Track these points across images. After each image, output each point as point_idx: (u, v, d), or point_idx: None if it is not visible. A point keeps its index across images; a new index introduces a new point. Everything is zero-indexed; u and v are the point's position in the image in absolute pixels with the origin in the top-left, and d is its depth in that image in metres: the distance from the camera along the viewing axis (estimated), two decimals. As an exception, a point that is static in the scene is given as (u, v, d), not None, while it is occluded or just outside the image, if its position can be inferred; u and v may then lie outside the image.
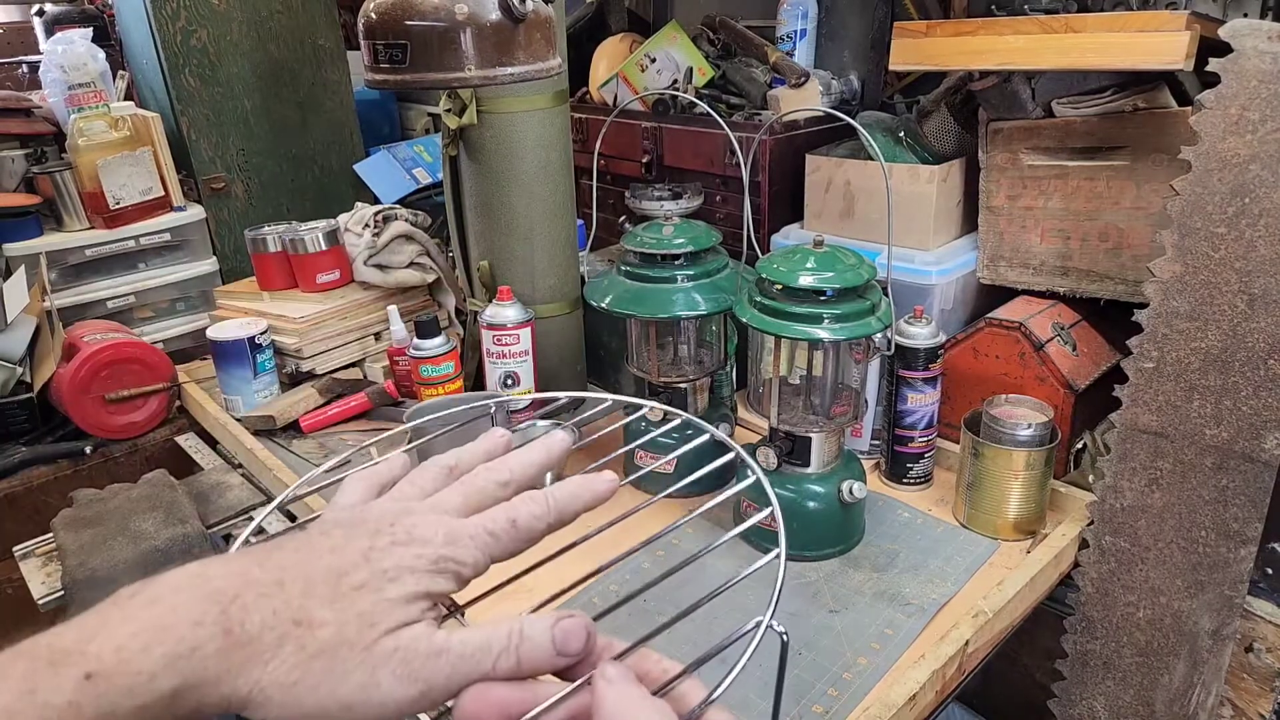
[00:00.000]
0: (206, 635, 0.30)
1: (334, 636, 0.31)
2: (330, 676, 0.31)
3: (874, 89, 1.38)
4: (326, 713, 0.31)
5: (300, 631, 0.31)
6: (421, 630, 0.32)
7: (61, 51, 1.47)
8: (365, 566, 0.33)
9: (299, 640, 0.31)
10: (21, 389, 1.25)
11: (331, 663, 0.31)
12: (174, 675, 0.29)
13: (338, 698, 0.31)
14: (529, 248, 1.15)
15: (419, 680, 0.31)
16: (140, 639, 0.29)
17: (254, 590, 0.31)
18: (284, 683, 0.30)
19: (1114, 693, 0.91)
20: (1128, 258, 1.00)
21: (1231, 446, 0.80)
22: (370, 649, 0.31)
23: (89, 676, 0.28)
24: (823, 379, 0.95)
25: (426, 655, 0.32)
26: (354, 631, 0.31)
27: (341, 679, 0.31)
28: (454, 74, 0.75)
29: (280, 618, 0.31)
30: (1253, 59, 0.76)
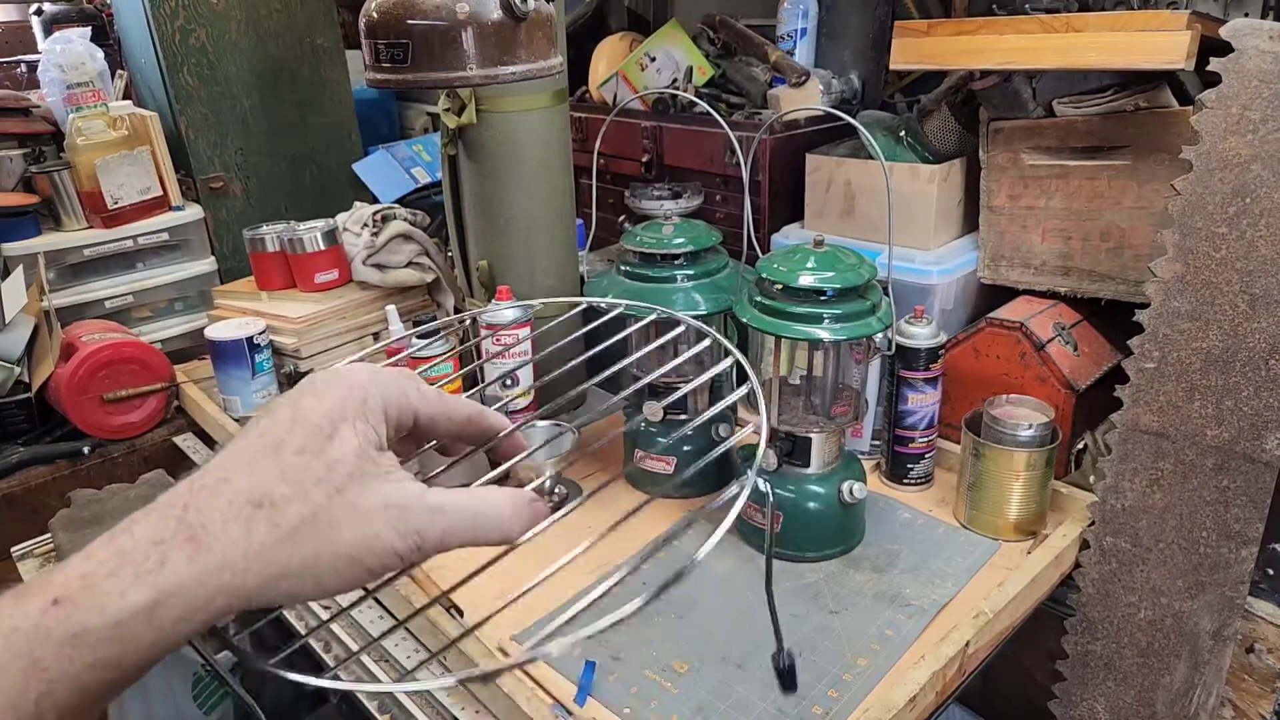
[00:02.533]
0: (170, 547, 0.29)
1: (303, 509, 0.31)
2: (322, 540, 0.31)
3: (874, 88, 1.38)
4: (337, 570, 0.32)
5: (265, 512, 0.31)
6: (414, 487, 0.34)
7: (60, 51, 1.47)
8: (296, 430, 0.33)
9: (268, 520, 0.31)
10: (19, 389, 1.25)
11: (316, 529, 0.31)
12: (147, 589, 0.29)
13: (341, 555, 0.31)
14: (528, 247, 1.15)
15: (414, 533, 0.33)
16: (106, 565, 0.29)
17: (202, 494, 0.31)
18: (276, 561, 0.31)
19: (1115, 694, 0.91)
20: (1129, 257, 1.00)
21: (1233, 447, 0.80)
22: (354, 503, 0.32)
23: (55, 602, 0.28)
24: (823, 379, 0.95)
25: (424, 510, 0.33)
26: (321, 497, 0.32)
27: (334, 539, 0.31)
28: (456, 73, 0.74)
29: (236, 506, 0.31)
30: (1254, 58, 0.75)
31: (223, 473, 0.32)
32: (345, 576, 0.32)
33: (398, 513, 0.32)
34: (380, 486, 0.33)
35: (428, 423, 0.38)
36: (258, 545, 0.30)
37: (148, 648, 0.29)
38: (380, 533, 0.32)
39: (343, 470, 0.32)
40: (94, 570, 0.29)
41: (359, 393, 0.35)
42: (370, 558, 0.32)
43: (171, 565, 0.29)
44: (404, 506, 0.33)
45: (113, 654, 0.28)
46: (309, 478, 0.32)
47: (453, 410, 0.39)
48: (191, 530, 0.30)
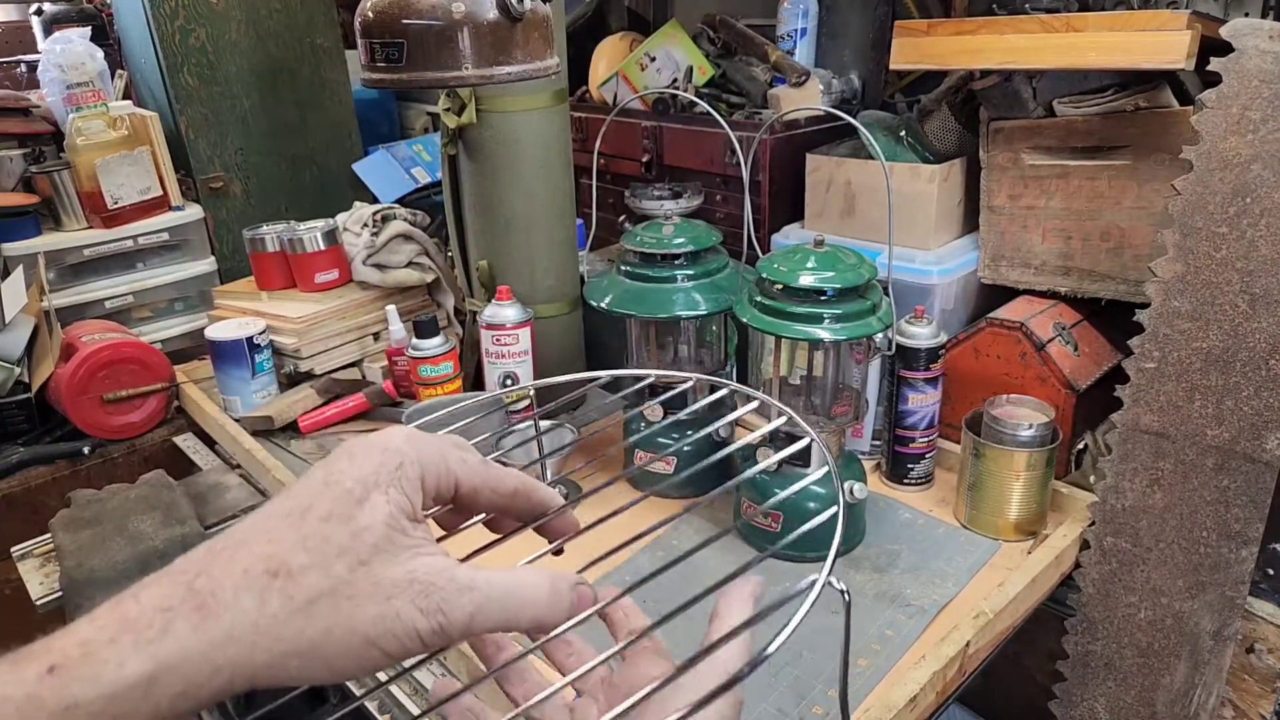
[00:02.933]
0: (177, 615, 0.27)
1: (322, 581, 0.29)
2: (339, 616, 0.29)
3: (875, 88, 1.38)
4: (352, 652, 0.29)
5: (280, 582, 0.29)
6: (443, 562, 0.31)
7: (60, 51, 1.47)
8: (326, 494, 0.31)
9: (282, 591, 0.28)
10: (20, 389, 1.25)
11: (335, 602, 0.29)
12: (146, 660, 0.27)
13: (357, 634, 0.29)
14: (528, 247, 1.15)
15: (439, 613, 0.30)
16: (107, 632, 0.27)
17: (218, 560, 0.29)
18: (287, 637, 0.28)
19: (1115, 694, 0.91)
20: (1129, 257, 1.00)
21: (1233, 447, 0.80)
22: (378, 578, 0.29)
23: (51, 669, 0.26)
24: (823, 379, 0.95)
25: (452, 588, 0.30)
26: (343, 569, 0.29)
27: (352, 615, 0.29)
28: (451, 73, 0.74)
29: (251, 575, 0.28)
30: (1254, 58, 0.75)
31: (242, 537, 0.30)
32: (360, 658, 0.29)
33: (422, 589, 0.30)
34: (408, 561, 0.30)
35: (470, 493, 0.35)
36: (269, 618, 0.28)
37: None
38: (401, 611, 0.29)
39: (369, 540, 0.30)
40: (94, 637, 0.27)
41: (395, 457, 0.32)
42: (388, 640, 0.29)
43: (174, 634, 0.27)
44: (430, 583, 0.30)
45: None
46: (332, 548, 0.29)
47: (498, 482, 0.36)
48: (200, 598, 0.28)
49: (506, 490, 0.37)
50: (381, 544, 0.30)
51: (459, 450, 0.35)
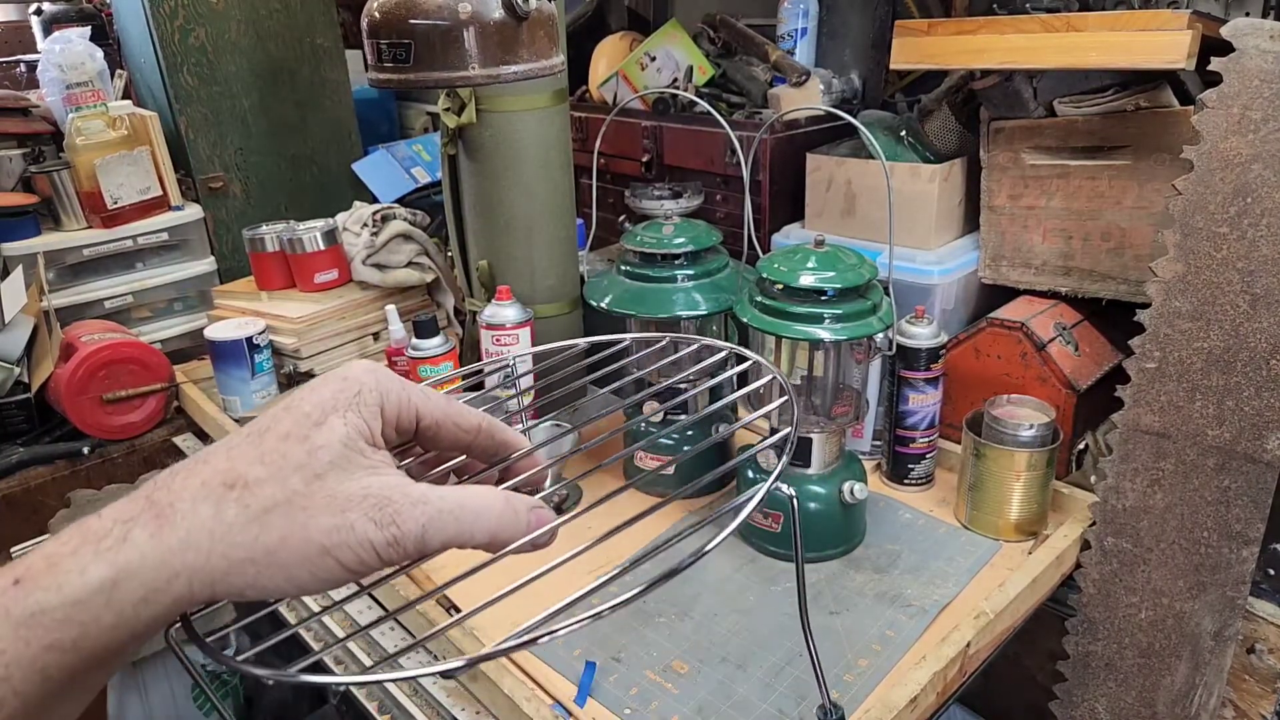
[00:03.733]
0: (135, 524, 0.29)
1: (278, 492, 0.30)
2: (294, 525, 0.29)
3: (875, 88, 1.38)
4: (308, 561, 0.29)
5: (236, 493, 0.29)
6: (398, 479, 0.32)
7: (59, 50, 1.47)
8: (285, 417, 0.32)
9: (239, 501, 0.29)
10: (19, 389, 1.25)
11: (289, 512, 0.29)
12: (106, 566, 0.28)
13: (312, 542, 0.29)
14: (528, 247, 1.15)
15: (392, 524, 0.30)
16: (69, 545, 0.28)
17: (177, 476, 0.30)
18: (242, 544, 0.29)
19: (1116, 694, 0.91)
20: (1130, 257, 1.00)
21: (1234, 447, 0.80)
22: (333, 490, 0.30)
23: (16, 582, 0.27)
24: (824, 379, 0.95)
25: (405, 501, 0.31)
26: (299, 482, 0.30)
27: (307, 524, 0.29)
28: (458, 73, 0.74)
29: (209, 487, 0.29)
30: (1254, 58, 0.75)
31: (204, 456, 0.31)
32: (316, 568, 0.30)
33: (376, 502, 0.30)
34: (363, 477, 0.31)
35: (431, 427, 0.36)
36: (225, 525, 0.29)
37: (107, 630, 0.28)
38: (355, 522, 0.30)
39: (325, 457, 0.31)
40: (57, 550, 0.28)
41: (354, 385, 0.33)
42: (343, 550, 0.30)
43: (133, 541, 0.28)
44: (384, 496, 0.31)
45: (70, 636, 0.27)
46: (288, 463, 0.30)
47: (460, 417, 0.37)
48: (159, 508, 0.29)
49: (470, 425, 0.37)
50: (338, 461, 0.31)
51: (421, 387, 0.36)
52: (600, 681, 0.76)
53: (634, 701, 0.74)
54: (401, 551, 0.31)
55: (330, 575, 0.30)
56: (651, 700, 0.74)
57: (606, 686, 0.76)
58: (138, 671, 1.36)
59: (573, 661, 0.78)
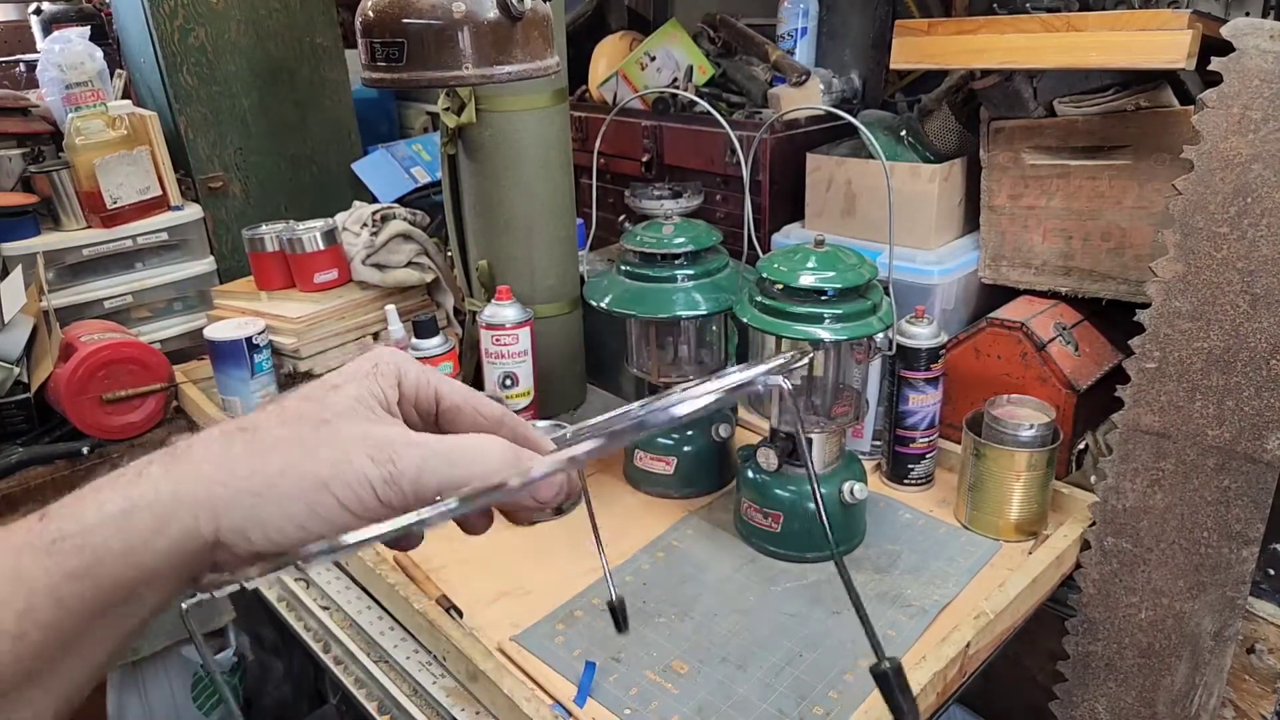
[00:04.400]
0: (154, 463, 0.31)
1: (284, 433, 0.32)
2: (293, 458, 0.31)
3: (875, 87, 1.38)
4: (305, 494, 0.30)
5: (247, 434, 0.32)
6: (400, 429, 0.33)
7: (59, 50, 1.47)
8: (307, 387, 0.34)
9: (247, 440, 0.31)
10: (19, 389, 1.25)
11: (291, 447, 0.31)
12: (122, 498, 0.30)
13: (309, 475, 0.31)
14: (528, 247, 1.15)
15: (389, 462, 0.31)
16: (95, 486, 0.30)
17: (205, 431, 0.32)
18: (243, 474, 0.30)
19: (1116, 694, 0.91)
20: (1130, 257, 1.00)
21: (1234, 447, 0.80)
22: (336, 431, 0.32)
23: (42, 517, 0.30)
24: (824, 379, 0.95)
25: (402, 443, 0.32)
26: (307, 428, 0.32)
27: (306, 457, 0.31)
28: (451, 72, 0.74)
29: (226, 431, 0.32)
30: (1255, 58, 0.75)
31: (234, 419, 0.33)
32: (314, 504, 0.30)
33: (375, 442, 0.32)
34: (368, 425, 0.33)
35: (452, 410, 0.37)
36: (232, 457, 0.31)
37: (119, 558, 0.29)
38: (354, 457, 0.31)
39: (334, 410, 0.33)
40: (84, 492, 0.30)
41: (372, 359, 0.35)
42: (340, 485, 0.31)
43: (148, 477, 0.30)
44: (385, 438, 0.32)
45: (85, 562, 0.28)
46: (300, 415, 0.32)
47: (482, 406, 0.38)
48: (176, 451, 0.31)
49: (492, 415, 0.38)
50: (345, 412, 0.33)
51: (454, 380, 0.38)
52: (600, 682, 0.76)
53: (634, 702, 0.74)
54: (398, 491, 0.31)
55: (328, 513, 0.31)
56: (651, 700, 0.74)
57: (606, 687, 0.76)
58: (138, 671, 1.36)
59: (573, 662, 0.78)
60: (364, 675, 0.84)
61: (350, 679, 0.84)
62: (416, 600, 0.82)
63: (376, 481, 0.31)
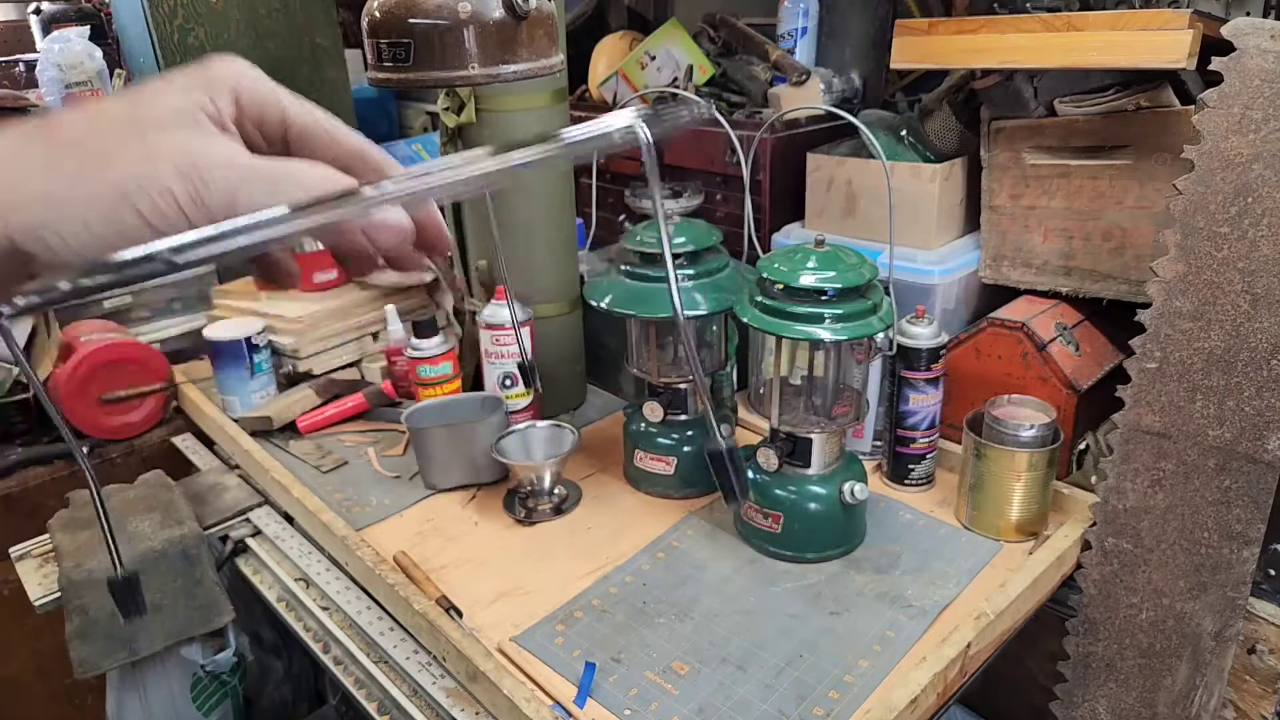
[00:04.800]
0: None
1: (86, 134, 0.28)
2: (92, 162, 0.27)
3: (876, 87, 1.38)
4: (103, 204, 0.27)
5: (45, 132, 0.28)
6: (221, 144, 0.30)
7: (58, 50, 1.47)
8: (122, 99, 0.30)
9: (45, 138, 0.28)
10: (18, 389, 1.25)
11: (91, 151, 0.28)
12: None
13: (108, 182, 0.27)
14: (528, 247, 1.15)
15: (199, 180, 0.28)
16: None
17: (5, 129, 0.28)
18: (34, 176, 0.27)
19: (1116, 695, 0.91)
20: (1130, 257, 1.00)
21: (1234, 447, 0.80)
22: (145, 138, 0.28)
23: None
24: (824, 379, 0.95)
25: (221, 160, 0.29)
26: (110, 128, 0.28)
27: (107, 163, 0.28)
28: (457, 72, 0.74)
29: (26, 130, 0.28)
30: (1255, 58, 0.75)
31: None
32: (113, 216, 0.27)
33: (188, 156, 0.28)
34: (187, 139, 0.29)
35: (300, 134, 0.33)
36: (22, 158, 0.27)
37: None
38: (160, 170, 0.28)
39: (149, 116, 0.29)
40: None
41: (206, 68, 0.31)
42: (140, 197, 0.27)
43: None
44: (201, 153, 0.28)
45: None
46: (108, 117, 0.29)
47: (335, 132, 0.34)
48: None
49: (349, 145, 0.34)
50: (164, 123, 0.29)
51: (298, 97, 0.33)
52: (600, 682, 0.76)
53: (634, 702, 0.74)
54: (206, 212, 0.28)
55: (126, 226, 0.28)
56: (651, 701, 0.74)
57: (606, 687, 0.76)
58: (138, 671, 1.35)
59: (572, 662, 0.78)
60: (364, 676, 0.84)
61: (350, 679, 0.84)
62: (416, 601, 0.81)
63: (181, 198, 0.28)
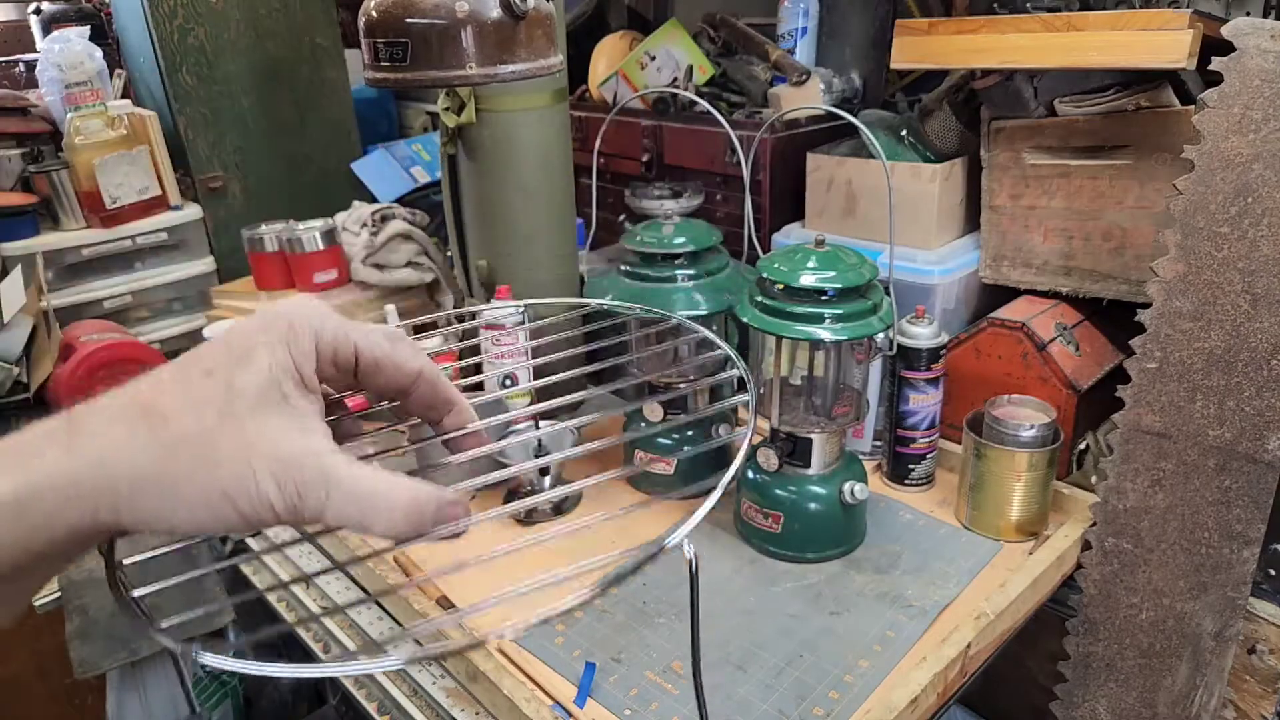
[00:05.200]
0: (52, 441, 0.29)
1: (191, 426, 0.29)
2: (200, 463, 0.29)
3: (876, 87, 1.38)
4: (209, 501, 0.29)
5: (151, 420, 0.29)
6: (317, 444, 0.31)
7: (58, 50, 1.47)
8: (213, 351, 0.31)
9: (152, 428, 0.29)
10: (18, 389, 1.25)
11: (199, 449, 0.29)
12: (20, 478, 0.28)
13: (215, 484, 0.29)
14: (528, 247, 1.15)
15: (295, 494, 0.30)
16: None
17: (104, 399, 0.30)
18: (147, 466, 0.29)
19: (1116, 695, 0.91)
20: (1130, 257, 0.99)
21: (1234, 447, 0.80)
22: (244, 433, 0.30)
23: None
24: (824, 379, 0.95)
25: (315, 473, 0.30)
26: (213, 419, 0.29)
27: (213, 466, 0.29)
28: (455, 72, 0.74)
29: (128, 411, 0.29)
30: (1255, 58, 0.75)
31: (133, 386, 0.31)
32: (215, 510, 0.30)
33: (285, 467, 0.30)
34: (280, 431, 0.30)
35: (371, 366, 0.35)
36: (136, 448, 0.29)
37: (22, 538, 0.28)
38: (261, 480, 0.29)
39: (245, 400, 0.30)
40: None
41: (284, 320, 0.32)
42: (243, 499, 0.30)
43: (49, 458, 0.28)
44: (296, 463, 0.30)
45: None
46: (207, 399, 0.30)
47: (403, 360, 0.36)
48: (76, 426, 0.29)
49: (409, 370, 0.36)
50: (257, 406, 0.30)
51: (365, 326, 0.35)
52: (600, 682, 0.76)
53: (634, 702, 0.74)
54: (298, 519, 0.31)
55: (228, 521, 0.30)
56: (651, 701, 0.74)
57: (606, 687, 0.76)
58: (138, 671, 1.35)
59: (572, 662, 0.78)
60: (363, 675, 0.84)
61: (350, 679, 0.84)
62: (416, 600, 0.81)
63: (279, 509, 0.30)
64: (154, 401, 0.30)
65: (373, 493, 0.31)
